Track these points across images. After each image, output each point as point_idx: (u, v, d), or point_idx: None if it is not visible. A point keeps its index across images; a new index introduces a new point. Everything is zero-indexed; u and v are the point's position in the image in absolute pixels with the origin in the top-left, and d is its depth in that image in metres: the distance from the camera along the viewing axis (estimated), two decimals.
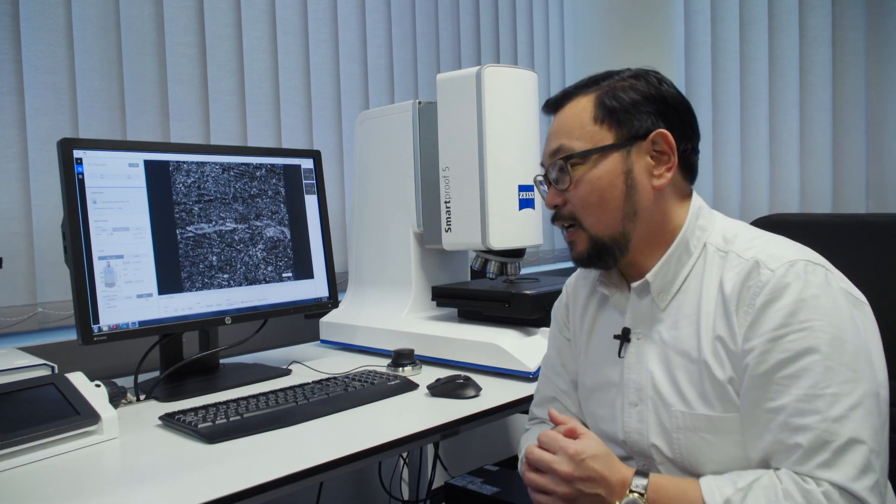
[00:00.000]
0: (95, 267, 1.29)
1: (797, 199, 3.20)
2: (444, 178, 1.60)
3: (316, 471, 1.02)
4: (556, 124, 1.01)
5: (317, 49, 2.17)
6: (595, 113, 0.96)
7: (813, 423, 0.79)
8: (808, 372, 0.81)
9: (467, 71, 1.54)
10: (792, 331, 0.82)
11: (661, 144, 0.95)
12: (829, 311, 0.83)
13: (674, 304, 0.96)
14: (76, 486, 0.95)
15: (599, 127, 0.96)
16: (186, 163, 1.44)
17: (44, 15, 1.63)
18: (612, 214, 0.96)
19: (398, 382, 1.39)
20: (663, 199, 0.96)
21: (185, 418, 1.16)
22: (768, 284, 0.85)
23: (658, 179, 0.95)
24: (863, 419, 0.80)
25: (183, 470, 1.00)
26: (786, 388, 0.82)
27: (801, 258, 0.87)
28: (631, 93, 0.96)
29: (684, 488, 0.86)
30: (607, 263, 1.00)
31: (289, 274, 1.60)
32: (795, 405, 0.81)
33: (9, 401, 1.06)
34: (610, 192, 0.95)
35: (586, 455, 0.88)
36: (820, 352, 0.81)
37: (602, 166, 0.95)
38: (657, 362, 0.96)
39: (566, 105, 1.00)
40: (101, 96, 1.73)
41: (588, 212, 0.97)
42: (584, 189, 0.96)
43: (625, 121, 0.95)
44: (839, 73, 3.20)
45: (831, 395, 0.79)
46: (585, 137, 0.96)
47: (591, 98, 0.98)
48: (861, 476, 0.78)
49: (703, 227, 0.97)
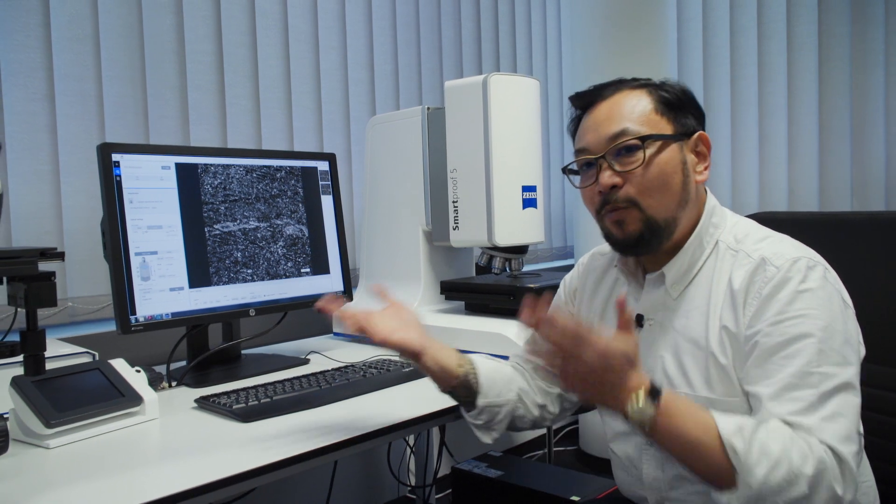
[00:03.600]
0: (132, 262, 1.39)
1: (785, 198, 3.31)
2: (452, 179, 1.70)
3: (340, 446, 1.11)
4: (610, 110, 1.03)
5: (326, 56, 2.27)
6: (656, 105, 1.02)
7: (804, 396, 0.87)
8: (802, 353, 0.88)
9: (474, 79, 1.64)
10: (789, 317, 0.91)
11: (702, 145, 1.04)
12: (823, 304, 0.91)
13: (685, 295, 1.03)
14: (127, 460, 1.05)
15: (660, 118, 1.02)
16: (213, 165, 1.54)
17: (73, 25, 1.72)
18: (672, 199, 1.01)
19: (412, 369, 1.49)
20: (698, 195, 1.05)
21: (220, 400, 1.26)
22: (773, 279, 0.93)
23: (699, 175, 1.04)
24: (848, 399, 0.88)
25: (220, 446, 1.10)
26: (782, 368, 0.89)
27: (804, 256, 0.95)
28: (679, 93, 1.05)
29: (696, 408, 0.88)
30: (651, 247, 1.02)
31: (307, 269, 1.70)
32: (788, 380, 0.88)
33: (61, 384, 1.16)
34: (673, 178, 1.00)
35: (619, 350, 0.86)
36: (814, 336, 0.89)
37: (666, 153, 1.01)
38: (667, 348, 1.03)
39: (614, 95, 1.04)
40: (127, 102, 1.82)
41: (651, 193, 1.00)
42: (654, 171, 0.99)
43: (679, 118, 1.03)
44: (825, 79, 3.32)
45: (821, 373, 0.87)
46: (650, 124, 1.01)
47: (645, 92, 1.04)
48: (845, 442, 0.85)
49: (716, 225, 1.05)
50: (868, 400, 1.16)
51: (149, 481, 0.97)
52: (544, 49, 3.13)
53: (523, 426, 1.21)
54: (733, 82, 3.28)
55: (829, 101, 3.33)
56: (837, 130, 3.36)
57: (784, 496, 0.82)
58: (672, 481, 1.04)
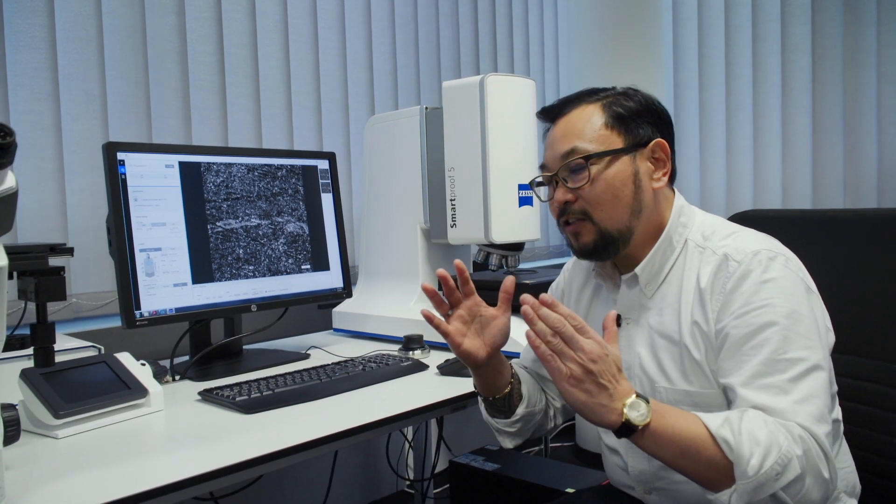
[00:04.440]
0: (137, 258, 1.42)
1: (779, 196, 3.35)
2: (450, 177, 1.73)
3: (341, 436, 1.15)
4: (564, 128, 1.09)
5: (326, 56, 2.30)
6: (606, 119, 1.06)
7: (774, 382, 0.90)
8: (769, 341, 0.92)
9: (471, 79, 1.68)
10: (753, 308, 0.94)
11: (659, 152, 1.07)
12: (786, 291, 0.95)
13: (659, 294, 1.07)
14: (134, 449, 1.09)
15: (610, 132, 1.06)
16: (216, 164, 1.58)
17: (77, 26, 1.76)
18: (622, 210, 1.05)
19: (411, 363, 1.52)
20: (656, 201, 1.08)
21: (223, 393, 1.29)
22: (735, 273, 0.97)
23: (657, 182, 1.07)
24: (818, 380, 0.90)
25: (223, 436, 1.14)
26: (751, 357, 0.92)
27: (764, 248, 0.98)
28: (633, 104, 1.08)
29: (680, 410, 0.92)
30: (608, 255, 1.08)
31: (307, 266, 1.73)
32: (758, 368, 0.91)
33: (69, 376, 1.19)
34: (622, 191, 1.05)
35: (612, 356, 0.89)
36: (779, 323, 0.92)
37: (615, 167, 1.05)
38: (644, 345, 1.07)
39: (570, 112, 1.09)
40: (129, 101, 1.85)
41: (601, 207, 1.05)
42: (601, 186, 1.04)
43: (631, 128, 1.06)
44: (818, 79, 3.36)
45: (788, 359, 0.90)
46: (598, 140, 1.05)
47: (599, 106, 1.07)
48: (818, 423, 0.87)
49: (685, 224, 1.08)
50: (855, 392, 1.20)
51: (155, 469, 1.00)
52: (541, 50, 3.16)
53: (539, 433, 1.26)
54: (728, 82, 3.31)
55: (823, 100, 3.37)
56: (830, 129, 3.39)
57: (781, 482, 0.83)
58: (658, 471, 1.07)
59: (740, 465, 0.84)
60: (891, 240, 1.22)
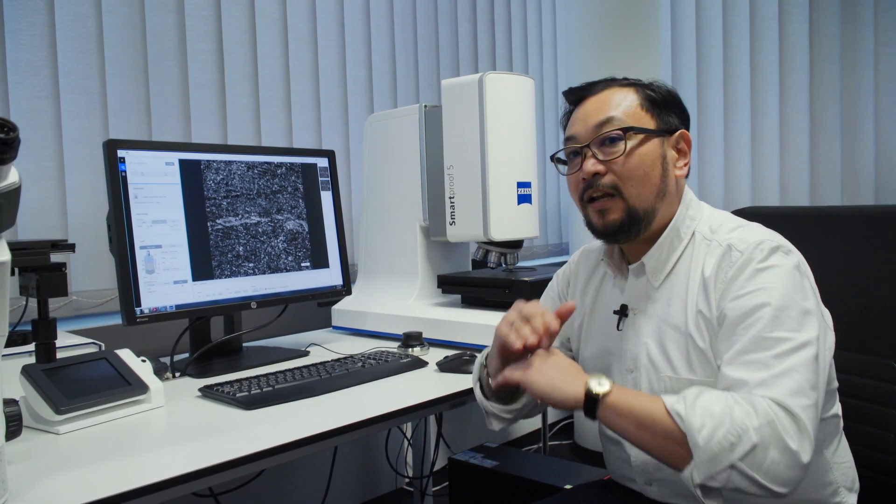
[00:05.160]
0: (137, 256, 1.42)
1: (777, 193, 3.36)
2: (449, 175, 1.74)
3: (340, 431, 1.15)
4: (598, 102, 1.10)
5: (325, 55, 2.31)
6: (641, 102, 1.09)
7: (758, 358, 0.91)
8: (759, 320, 0.93)
9: (470, 77, 1.68)
10: (749, 292, 0.96)
11: (682, 143, 1.11)
12: (782, 279, 0.96)
13: (667, 285, 1.08)
14: (134, 445, 1.09)
15: (645, 113, 1.08)
16: (216, 161, 1.58)
17: (77, 24, 1.76)
18: (651, 189, 1.06)
19: (410, 360, 1.53)
20: (676, 189, 1.11)
21: (223, 389, 1.30)
22: (737, 262, 0.99)
23: (679, 170, 1.10)
24: (803, 360, 0.90)
25: (224, 432, 1.14)
26: (741, 336, 0.94)
27: (766, 239, 1.00)
28: (664, 93, 1.11)
29: (645, 394, 0.99)
30: (629, 236, 1.08)
31: (307, 263, 1.74)
32: (743, 345, 0.93)
33: (70, 372, 1.19)
34: (653, 169, 1.06)
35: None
36: (770, 305, 0.93)
37: (648, 146, 1.07)
38: (651, 335, 1.08)
39: (604, 91, 1.11)
40: (130, 99, 1.86)
41: (632, 182, 1.06)
42: (635, 161, 1.06)
43: (662, 114, 1.09)
44: (816, 77, 3.37)
45: (775, 338, 0.91)
46: (635, 119, 1.08)
47: (632, 89, 1.10)
48: (794, 396, 0.87)
49: (693, 217, 1.10)
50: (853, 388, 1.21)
51: (156, 464, 1.01)
52: (540, 48, 3.17)
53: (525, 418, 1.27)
54: (726, 81, 3.32)
55: (820, 98, 3.38)
56: (828, 127, 3.41)
57: (736, 453, 0.84)
58: (658, 462, 1.07)
59: (692, 436, 0.86)
60: (888, 236, 1.23)
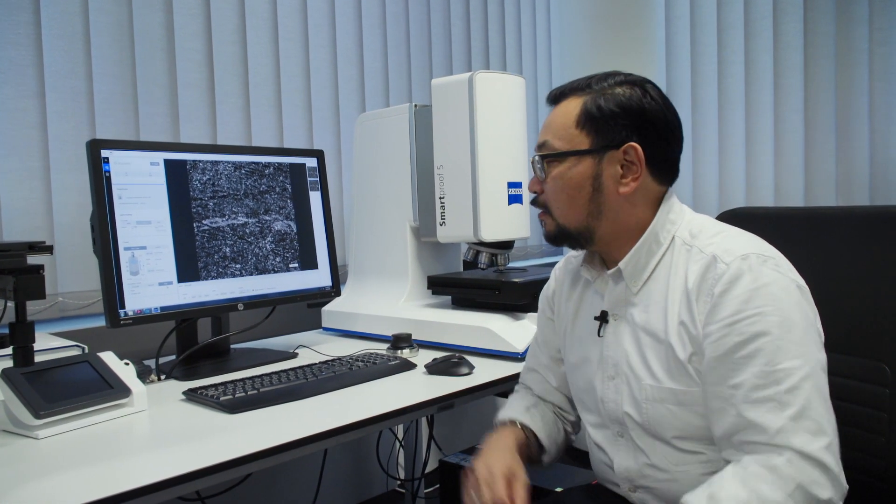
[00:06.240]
0: (121, 257, 1.41)
1: (771, 193, 3.34)
2: (439, 175, 1.72)
3: (326, 435, 1.14)
4: (548, 120, 1.11)
5: (316, 54, 2.29)
6: (578, 118, 1.05)
7: (769, 395, 0.89)
8: (761, 351, 0.91)
9: (460, 76, 1.67)
10: (746, 316, 0.93)
11: (632, 156, 1.04)
12: (778, 298, 0.93)
13: (645, 290, 1.07)
14: (116, 450, 1.07)
15: (579, 131, 1.05)
16: (202, 161, 1.56)
17: (63, 22, 1.74)
18: (578, 211, 1.07)
19: (398, 362, 1.51)
20: (630, 203, 1.06)
21: (207, 392, 1.28)
22: (724, 276, 0.95)
23: (624, 187, 1.05)
24: (813, 389, 0.90)
25: (207, 436, 1.13)
26: (743, 367, 0.91)
27: (753, 251, 0.97)
28: (612, 104, 1.05)
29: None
30: (573, 246, 1.13)
31: (295, 264, 1.72)
32: (753, 381, 0.91)
33: (50, 376, 1.17)
34: (577, 192, 1.06)
35: None
36: (771, 334, 0.91)
37: (575, 168, 1.06)
38: (630, 342, 1.07)
39: (561, 102, 1.10)
40: (117, 99, 1.84)
41: (557, 205, 1.09)
42: (556, 186, 1.08)
43: (602, 130, 1.05)
44: (810, 77, 3.35)
45: (783, 370, 0.90)
46: (566, 139, 1.06)
47: (580, 102, 1.06)
48: (815, 439, 0.87)
49: (673, 221, 1.07)
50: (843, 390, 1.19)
51: (137, 469, 0.99)
52: (534, 47, 3.15)
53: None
54: (720, 80, 3.31)
55: (815, 98, 3.36)
56: (822, 127, 3.39)
57: None
58: (643, 469, 1.07)
59: None
60: (883, 237, 1.22)
